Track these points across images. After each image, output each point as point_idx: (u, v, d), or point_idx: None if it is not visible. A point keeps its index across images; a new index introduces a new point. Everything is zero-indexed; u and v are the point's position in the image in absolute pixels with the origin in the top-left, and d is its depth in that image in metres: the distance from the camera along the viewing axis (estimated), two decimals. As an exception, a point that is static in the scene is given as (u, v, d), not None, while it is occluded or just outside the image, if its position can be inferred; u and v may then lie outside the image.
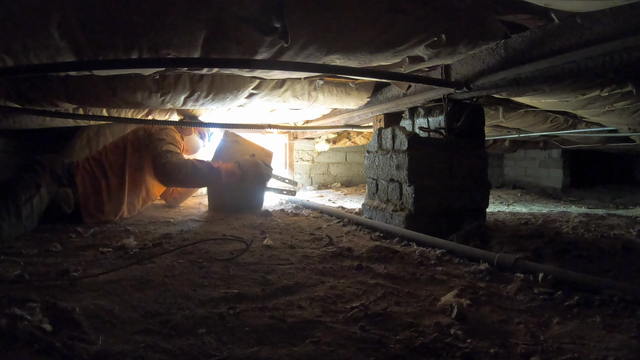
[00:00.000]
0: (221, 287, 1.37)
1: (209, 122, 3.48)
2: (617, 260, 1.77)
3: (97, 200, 2.56)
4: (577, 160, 5.50)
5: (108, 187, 2.62)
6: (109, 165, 2.69)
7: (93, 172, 2.62)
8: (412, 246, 1.97)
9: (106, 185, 2.61)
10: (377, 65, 2.09)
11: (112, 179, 2.65)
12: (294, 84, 2.78)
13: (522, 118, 3.20)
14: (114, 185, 2.64)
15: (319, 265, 1.63)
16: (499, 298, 1.31)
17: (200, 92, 2.61)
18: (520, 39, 1.79)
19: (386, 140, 2.50)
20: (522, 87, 1.88)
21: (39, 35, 1.57)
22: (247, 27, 1.61)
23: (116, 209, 2.64)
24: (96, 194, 2.56)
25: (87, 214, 2.51)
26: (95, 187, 2.57)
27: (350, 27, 1.68)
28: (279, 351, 0.95)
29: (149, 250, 1.86)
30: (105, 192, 2.60)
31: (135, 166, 2.77)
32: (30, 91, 2.36)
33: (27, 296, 1.22)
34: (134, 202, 2.80)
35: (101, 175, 2.62)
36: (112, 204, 2.62)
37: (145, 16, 1.54)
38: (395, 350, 0.96)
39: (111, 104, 2.72)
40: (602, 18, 1.47)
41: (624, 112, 2.52)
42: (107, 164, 2.69)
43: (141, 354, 0.93)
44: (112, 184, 2.64)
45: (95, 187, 2.57)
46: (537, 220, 2.77)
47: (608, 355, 0.95)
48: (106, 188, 2.61)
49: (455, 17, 1.68)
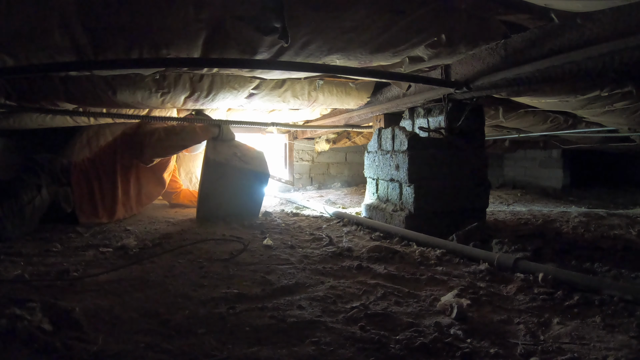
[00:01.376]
0: (221, 287, 1.37)
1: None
2: (617, 260, 1.77)
3: (91, 201, 2.57)
4: (577, 160, 5.50)
5: (101, 188, 2.63)
6: (101, 166, 2.69)
7: (87, 173, 2.63)
8: (412, 246, 1.97)
9: (99, 186, 2.62)
10: (377, 65, 2.09)
11: (104, 180, 2.65)
12: (294, 84, 2.78)
13: (522, 118, 3.20)
14: (106, 186, 2.65)
15: (319, 265, 1.63)
16: (499, 298, 1.31)
17: (200, 92, 2.61)
18: (520, 39, 1.79)
19: (386, 140, 2.50)
20: (522, 87, 1.88)
21: (40, 35, 1.57)
22: (247, 27, 1.61)
23: (110, 209, 2.64)
24: (90, 194, 2.58)
25: (83, 215, 2.51)
26: (89, 188, 2.59)
27: (350, 27, 1.68)
28: (279, 351, 0.95)
29: (149, 250, 1.86)
30: (98, 193, 2.60)
31: (127, 165, 2.75)
32: (30, 91, 2.36)
33: (27, 296, 1.22)
34: (129, 202, 2.79)
35: (94, 177, 2.63)
36: (106, 204, 2.63)
37: (145, 16, 1.54)
38: (395, 350, 0.96)
39: (111, 104, 2.72)
40: (602, 18, 1.47)
41: (624, 112, 2.52)
42: (100, 166, 2.69)
43: (141, 354, 0.93)
44: (104, 186, 2.64)
45: (89, 188, 2.59)
46: (537, 220, 2.77)
47: (608, 355, 0.95)
48: (99, 189, 2.62)
49: (455, 17, 1.68)
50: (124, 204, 2.75)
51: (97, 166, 2.69)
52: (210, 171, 2.73)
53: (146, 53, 1.76)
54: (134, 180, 2.81)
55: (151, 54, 1.77)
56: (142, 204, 2.98)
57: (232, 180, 2.76)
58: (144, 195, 2.94)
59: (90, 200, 2.57)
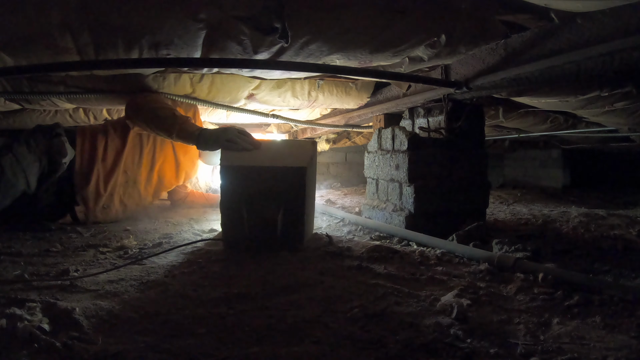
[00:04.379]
0: (221, 287, 1.37)
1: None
2: (617, 260, 1.77)
3: (90, 181, 2.36)
4: (577, 160, 5.50)
5: (105, 155, 2.41)
6: (114, 132, 2.46)
7: (94, 142, 2.41)
8: (412, 246, 1.97)
9: (102, 167, 2.41)
10: (377, 65, 2.09)
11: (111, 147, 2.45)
12: (294, 84, 2.78)
13: (522, 118, 3.21)
14: (106, 170, 2.44)
15: (318, 265, 1.63)
16: (499, 298, 1.31)
17: (200, 92, 2.62)
18: (520, 39, 1.79)
19: (386, 140, 2.50)
20: (522, 87, 1.88)
21: (40, 35, 1.57)
22: (247, 27, 1.61)
23: (108, 199, 2.44)
24: (90, 171, 2.37)
25: (81, 189, 2.31)
26: (91, 159, 2.38)
27: (350, 27, 1.68)
28: (279, 351, 0.95)
29: (149, 250, 1.86)
30: (97, 175, 2.39)
31: (118, 148, 2.52)
32: (30, 91, 2.36)
33: (27, 296, 1.22)
34: (125, 194, 2.55)
35: (101, 141, 2.41)
36: (105, 191, 2.42)
37: (145, 16, 1.54)
38: (395, 350, 0.96)
39: (111, 104, 2.72)
40: (602, 18, 1.47)
41: (624, 112, 2.52)
42: (112, 131, 2.47)
43: (141, 354, 0.93)
44: (109, 154, 2.44)
45: (91, 160, 2.37)
46: (537, 220, 2.77)
47: (608, 355, 0.95)
48: (101, 170, 2.41)
49: (455, 17, 1.68)
50: (122, 195, 2.51)
51: (109, 131, 2.45)
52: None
53: (146, 53, 1.76)
54: (122, 164, 2.51)
55: (151, 54, 1.77)
56: (138, 198, 2.63)
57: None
58: (141, 188, 2.62)
59: (89, 177, 2.34)
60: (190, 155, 2.88)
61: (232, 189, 1.87)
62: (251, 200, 1.82)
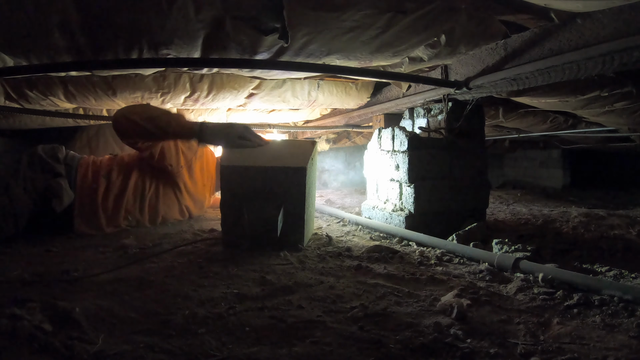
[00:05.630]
0: (221, 287, 1.37)
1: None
2: (617, 260, 1.77)
3: (93, 205, 2.24)
4: (577, 160, 5.50)
5: (109, 187, 2.29)
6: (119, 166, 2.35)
7: (98, 171, 2.29)
8: (412, 246, 1.97)
9: (107, 185, 2.29)
10: (377, 65, 2.09)
11: (116, 177, 2.32)
12: (294, 84, 2.78)
13: (522, 118, 3.20)
14: (116, 185, 2.32)
15: (318, 265, 1.63)
16: (499, 298, 1.31)
17: (200, 92, 2.62)
18: (520, 39, 1.79)
19: (386, 140, 2.50)
20: (522, 87, 1.88)
21: (39, 35, 1.57)
22: (247, 27, 1.61)
23: (114, 216, 2.31)
24: (93, 196, 2.25)
25: (82, 222, 2.19)
26: (94, 187, 2.25)
27: (350, 27, 1.68)
28: (279, 351, 0.95)
29: (149, 250, 1.86)
30: (103, 195, 2.28)
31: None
32: (30, 91, 2.36)
33: (27, 296, 1.22)
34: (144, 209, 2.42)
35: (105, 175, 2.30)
36: (110, 209, 2.29)
37: (145, 16, 1.54)
38: (395, 350, 0.96)
39: (111, 104, 2.72)
40: (602, 18, 1.47)
41: (624, 112, 2.52)
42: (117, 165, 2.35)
43: (141, 354, 0.93)
44: (113, 185, 2.30)
45: (94, 188, 2.25)
46: (537, 220, 2.77)
47: (608, 355, 0.95)
48: (105, 189, 2.28)
49: (455, 17, 1.68)
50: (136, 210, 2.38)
51: (112, 169, 2.34)
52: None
53: (146, 53, 1.76)
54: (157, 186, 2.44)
55: (151, 54, 1.77)
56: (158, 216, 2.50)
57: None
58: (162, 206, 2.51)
59: (93, 203, 2.24)
60: (200, 186, 2.74)
61: (233, 189, 1.87)
62: (251, 200, 1.82)
